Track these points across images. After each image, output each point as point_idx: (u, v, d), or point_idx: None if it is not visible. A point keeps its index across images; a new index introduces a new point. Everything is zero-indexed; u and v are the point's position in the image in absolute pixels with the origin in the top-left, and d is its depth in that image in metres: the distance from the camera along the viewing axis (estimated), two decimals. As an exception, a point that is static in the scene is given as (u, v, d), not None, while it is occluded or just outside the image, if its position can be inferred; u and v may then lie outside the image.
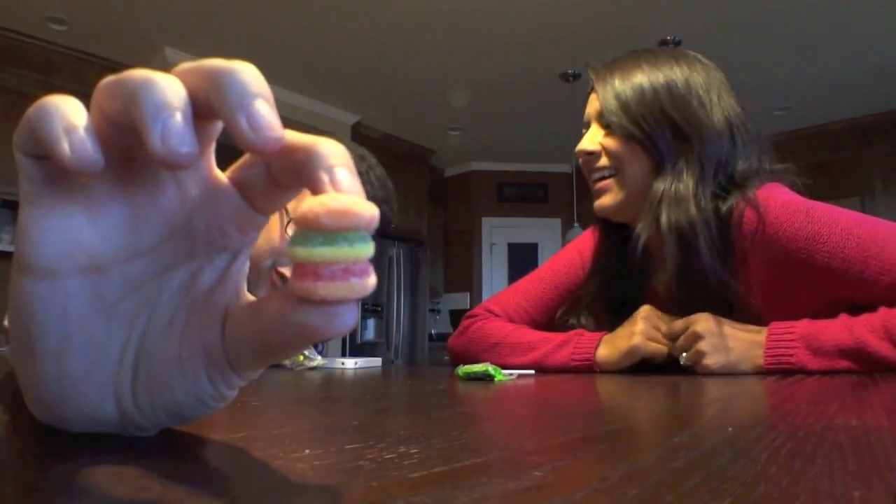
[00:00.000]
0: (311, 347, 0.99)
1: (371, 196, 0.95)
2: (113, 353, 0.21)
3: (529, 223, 5.62)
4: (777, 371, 0.70)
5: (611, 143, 0.83)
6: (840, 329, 0.68)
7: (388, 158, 5.01)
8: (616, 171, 0.84)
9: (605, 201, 0.85)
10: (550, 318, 0.97)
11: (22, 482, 0.16)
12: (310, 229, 0.17)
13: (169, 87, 0.17)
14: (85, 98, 0.18)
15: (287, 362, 0.90)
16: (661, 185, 0.79)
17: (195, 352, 0.21)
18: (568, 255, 1.01)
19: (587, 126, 0.89)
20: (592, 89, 0.89)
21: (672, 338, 0.78)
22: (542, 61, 3.75)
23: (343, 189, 0.18)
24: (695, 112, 0.79)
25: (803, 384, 0.56)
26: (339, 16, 3.29)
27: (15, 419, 0.29)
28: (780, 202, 0.75)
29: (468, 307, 5.15)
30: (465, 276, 5.60)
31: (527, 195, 5.69)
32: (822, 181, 4.22)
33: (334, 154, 0.18)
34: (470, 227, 5.66)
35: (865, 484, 0.17)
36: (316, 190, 0.18)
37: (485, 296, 5.44)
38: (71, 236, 0.19)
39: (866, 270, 0.69)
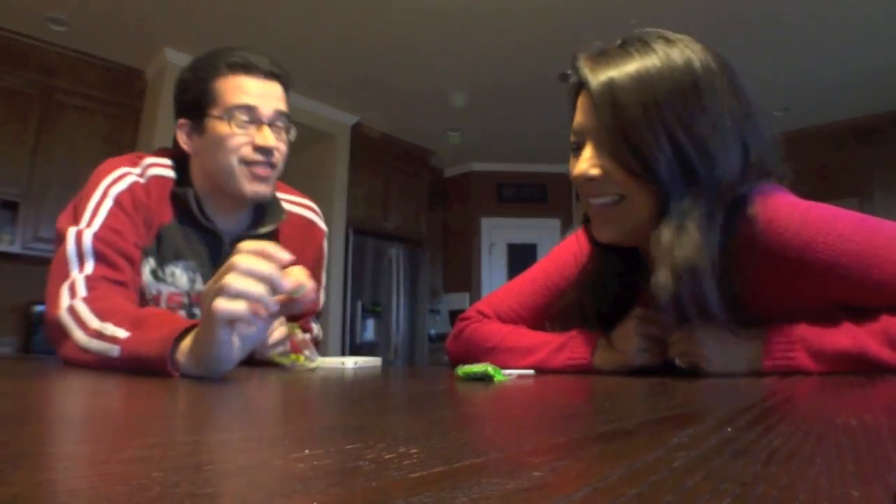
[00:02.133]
0: (313, 348, 0.99)
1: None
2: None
3: (528, 223, 5.62)
4: (776, 373, 0.70)
5: (615, 168, 0.72)
6: (842, 334, 0.67)
7: (387, 159, 5.03)
8: (620, 198, 0.74)
9: (610, 233, 0.78)
10: (542, 321, 0.97)
11: (21, 483, 0.16)
12: None
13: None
14: (85, 98, 0.18)
15: (287, 363, 0.90)
16: (667, 232, 0.71)
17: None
18: (561, 255, 0.98)
19: (579, 135, 0.77)
20: (583, 88, 0.77)
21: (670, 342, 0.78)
22: (540, 62, 3.76)
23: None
24: (705, 132, 0.69)
25: (803, 384, 0.56)
26: (339, 17, 3.29)
27: (15, 419, 0.29)
28: (775, 206, 0.72)
29: (468, 307, 5.09)
30: (464, 277, 5.61)
31: (526, 195, 5.70)
32: (821, 182, 4.22)
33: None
34: (469, 227, 5.66)
35: (865, 484, 0.17)
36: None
37: (484, 296, 5.42)
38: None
39: (868, 278, 0.66)
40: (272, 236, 1.06)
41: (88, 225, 0.89)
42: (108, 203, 0.92)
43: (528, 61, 3.76)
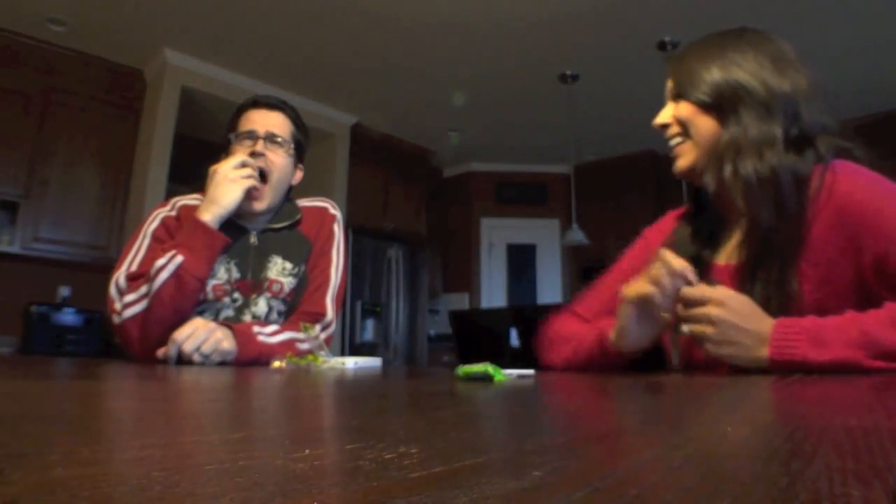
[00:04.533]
0: (326, 349, 1.05)
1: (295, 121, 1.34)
2: None
3: (528, 224, 5.63)
4: (779, 366, 0.70)
5: (678, 110, 0.93)
6: (845, 321, 0.69)
7: (387, 159, 5.03)
8: (685, 135, 0.91)
9: (679, 164, 0.93)
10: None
11: (21, 483, 0.16)
12: None
13: None
14: (85, 98, 0.18)
15: (303, 363, 0.94)
16: (725, 135, 0.85)
17: None
18: (635, 245, 1.07)
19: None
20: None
21: (685, 304, 0.79)
22: (540, 63, 3.76)
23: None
24: (756, 73, 0.86)
25: (803, 384, 0.56)
26: (339, 17, 3.29)
27: (15, 419, 0.29)
28: (860, 174, 0.80)
29: (467, 307, 5.15)
30: (463, 277, 5.61)
31: (525, 196, 5.70)
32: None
33: None
34: (468, 227, 5.66)
35: (865, 484, 0.17)
36: None
37: (483, 296, 5.44)
38: None
39: None
40: (294, 227, 1.34)
41: (128, 267, 1.18)
42: (146, 241, 1.22)
43: (528, 62, 3.76)
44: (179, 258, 1.11)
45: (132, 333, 1.12)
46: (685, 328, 0.77)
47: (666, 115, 0.96)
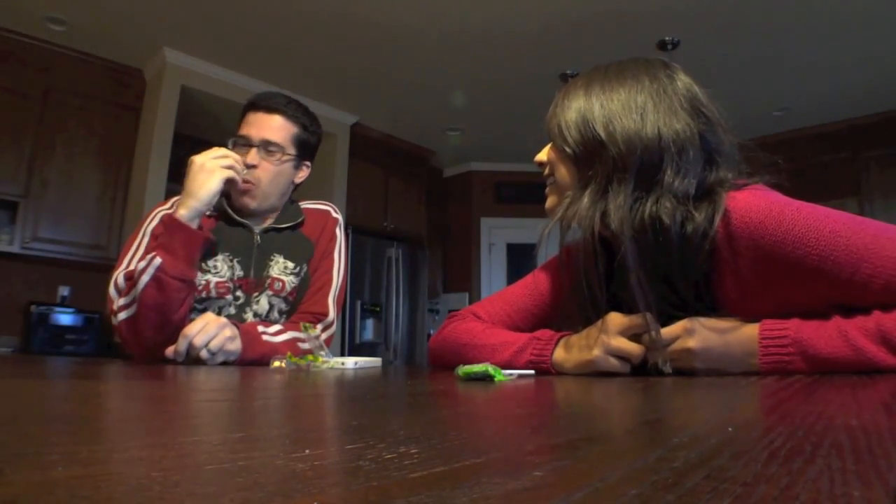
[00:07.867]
0: (326, 349, 1.05)
1: (294, 118, 1.33)
2: None
3: (528, 223, 5.61)
4: (772, 371, 0.71)
5: (550, 153, 0.92)
6: (835, 337, 0.68)
7: (387, 158, 5.03)
8: (553, 178, 0.91)
9: (546, 204, 0.94)
10: (534, 326, 0.98)
11: (21, 483, 0.16)
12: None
13: None
14: (84, 98, 0.18)
15: (303, 363, 0.94)
16: (577, 194, 0.84)
17: None
18: (554, 263, 1.02)
19: None
20: None
21: (659, 347, 0.76)
22: (540, 62, 3.75)
23: None
24: (620, 129, 0.79)
25: (803, 384, 0.56)
26: (339, 16, 3.29)
27: (15, 419, 0.29)
28: (765, 204, 0.73)
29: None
30: (463, 277, 5.61)
31: (525, 196, 5.69)
32: (821, 182, 4.22)
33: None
34: (468, 227, 5.65)
35: (865, 484, 0.17)
36: None
37: (483, 296, 5.43)
38: None
39: (857, 274, 0.67)
40: (296, 228, 1.36)
41: (126, 265, 1.16)
42: (146, 240, 1.21)
43: (528, 61, 3.76)
44: (158, 260, 1.08)
45: (126, 336, 1.12)
46: (667, 369, 0.75)
47: (542, 153, 0.94)
